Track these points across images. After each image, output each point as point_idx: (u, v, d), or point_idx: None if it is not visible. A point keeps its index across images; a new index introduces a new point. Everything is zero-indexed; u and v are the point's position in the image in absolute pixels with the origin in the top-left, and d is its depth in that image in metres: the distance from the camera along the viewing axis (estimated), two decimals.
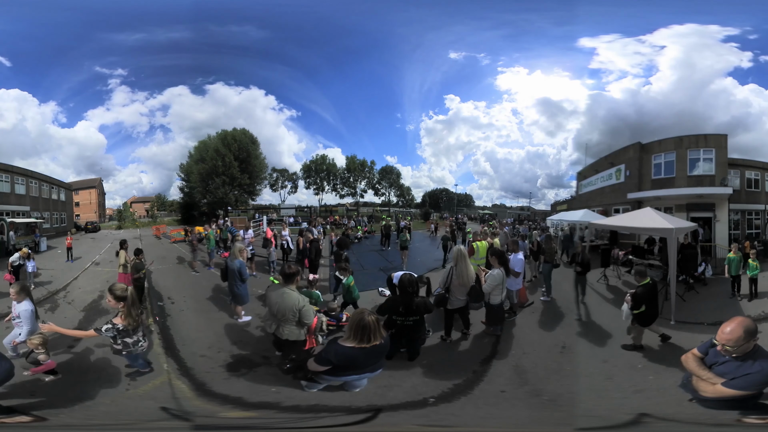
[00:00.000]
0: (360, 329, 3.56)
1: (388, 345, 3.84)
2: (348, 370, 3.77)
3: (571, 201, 23.73)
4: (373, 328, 3.56)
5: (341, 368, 3.73)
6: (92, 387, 4.58)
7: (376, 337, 3.58)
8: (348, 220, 24.48)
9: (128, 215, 27.69)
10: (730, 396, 2.62)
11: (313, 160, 29.50)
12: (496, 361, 5.40)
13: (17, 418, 2.93)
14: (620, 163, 17.83)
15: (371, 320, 3.58)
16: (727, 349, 2.67)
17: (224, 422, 4.07)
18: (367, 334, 3.55)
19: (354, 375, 3.85)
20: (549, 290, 8.57)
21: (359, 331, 3.56)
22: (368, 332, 3.54)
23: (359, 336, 3.56)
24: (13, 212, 17.51)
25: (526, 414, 4.23)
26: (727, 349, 2.67)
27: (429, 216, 31.38)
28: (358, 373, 3.84)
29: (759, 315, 7.37)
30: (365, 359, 3.66)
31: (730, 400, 2.64)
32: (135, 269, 7.91)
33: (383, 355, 3.87)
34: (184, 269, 12.14)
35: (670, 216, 9.91)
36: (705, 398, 2.76)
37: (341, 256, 8.09)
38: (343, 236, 9.57)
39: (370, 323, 3.56)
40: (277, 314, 4.55)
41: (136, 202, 30.15)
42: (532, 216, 29.63)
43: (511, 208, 33.60)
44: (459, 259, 5.90)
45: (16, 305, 4.94)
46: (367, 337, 3.55)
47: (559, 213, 21.37)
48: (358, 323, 3.58)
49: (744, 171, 15.62)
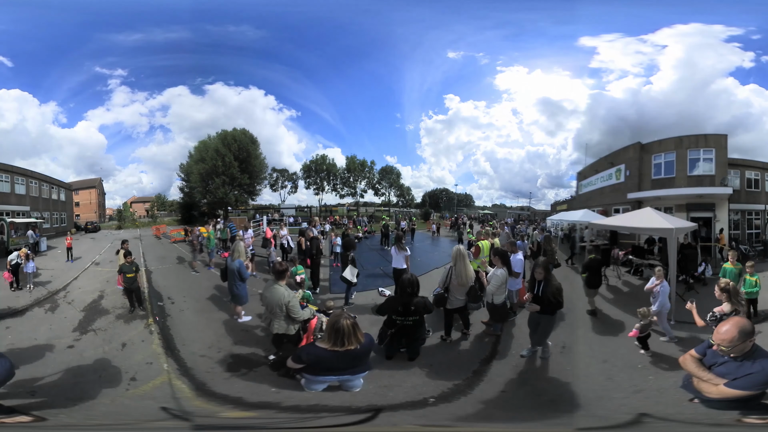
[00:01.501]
0: (333, 332, 3.57)
1: (367, 351, 3.84)
2: (322, 371, 3.78)
3: (571, 201, 23.73)
4: (347, 332, 3.55)
5: (314, 368, 3.76)
6: (92, 387, 4.59)
7: (351, 342, 3.58)
8: (349, 221, 24.48)
9: (128, 215, 27.71)
10: (734, 396, 2.61)
11: (313, 160, 29.50)
12: (496, 361, 5.40)
13: (17, 418, 2.92)
14: (620, 163, 17.83)
15: (345, 324, 3.57)
16: (723, 349, 2.67)
17: (224, 422, 4.07)
18: (341, 338, 3.55)
19: (330, 376, 3.85)
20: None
21: (333, 334, 3.58)
22: (341, 336, 3.55)
23: (332, 339, 3.58)
24: (13, 212, 17.52)
25: (526, 414, 4.23)
26: (723, 349, 2.67)
27: (429, 216, 31.39)
28: (334, 374, 3.83)
29: (759, 315, 7.36)
30: (336, 362, 3.65)
31: (733, 400, 2.63)
32: (123, 270, 7.76)
33: (361, 360, 3.85)
34: (184, 269, 12.15)
35: (670, 216, 9.91)
36: (709, 399, 2.76)
37: (347, 257, 8.12)
38: (349, 237, 9.60)
39: (343, 327, 3.55)
40: (267, 308, 4.92)
41: (136, 202, 30.18)
42: (532, 216, 29.64)
43: (511, 208, 33.61)
44: (458, 259, 5.90)
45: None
46: (341, 341, 3.56)
47: (559, 213, 21.37)
48: (332, 326, 3.61)
49: (744, 171, 15.62)
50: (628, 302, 8.53)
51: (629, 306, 8.13)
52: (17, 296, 9.02)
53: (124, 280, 7.75)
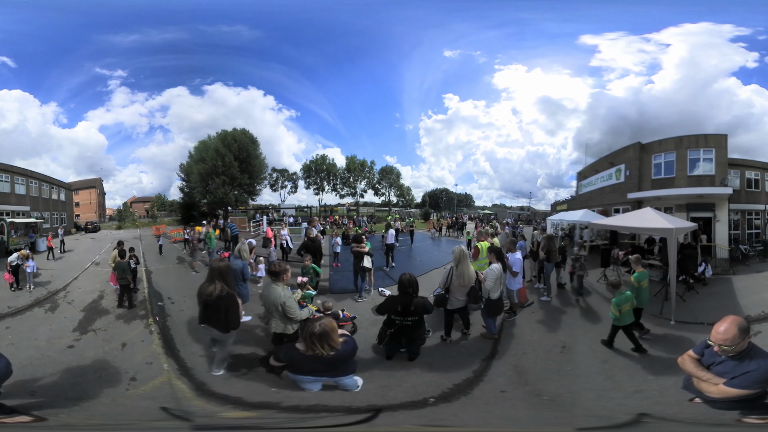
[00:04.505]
0: (307, 336, 3.71)
1: (345, 357, 3.93)
2: (301, 371, 3.91)
3: (571, 201, 23.72)
4: (318, 338, 3.65)
5: (293, 368, 3.90)
6: (92, 387, 4.58)
7: (323, 348, 3.68)
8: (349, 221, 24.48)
9: (128, 215, 27.71)
10: (735, 396, 2.61)
11: (313, 160, 29.53)
12: (496, 361, 5.40)
13: (17, 418, 2.92)
14: (620, 163, 17.82)
15: (316, 331, 3.66)
16: (725, 349, 2.66)
17: (224, 422, 4.06)
18: (312, 343, 3.67)
19: (309, 376, 3.96)
20: (549, 290, 8.57)
21: (306, 338, 3.72)
22: (312, 341, 3.67)
23: (305, 342, 3.72)
24: (13, 212, 17.51)
25: (526, 414, 4.23)
26: (725, 348, 2.66)
27: (429, 216, 31.37)
28: (313, 375, 3.94)
29: (759, 315, 7.36)
30: (311, 365, 3.79)
31: (735, 400, 2.63)
32: (119, 270, 7.82)
33: (340, 364, 3.94)
34: (184, 269, 12.15)
35: (670, 216, 9.90)
36: (711, 399, 2.76)
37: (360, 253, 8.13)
38: (358, 233, 9.67)
39: (314, 333, 3.66)
40: (265, 308, 4.99)
41: (136, 202, 30.19)
42: (531, 216, 29.63)
43: (511, 208, 33.64)
44: (460, 260, 5.90)
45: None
46: (311, 347, 3.68)
47: (559, 213, 21.36)
48: (306, 330, 3.73)
49: (744, 171, 15.62)
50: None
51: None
52: (17, 296, 9.03)
53: (120, 280, 7.82)
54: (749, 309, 7.81)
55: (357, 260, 8.10)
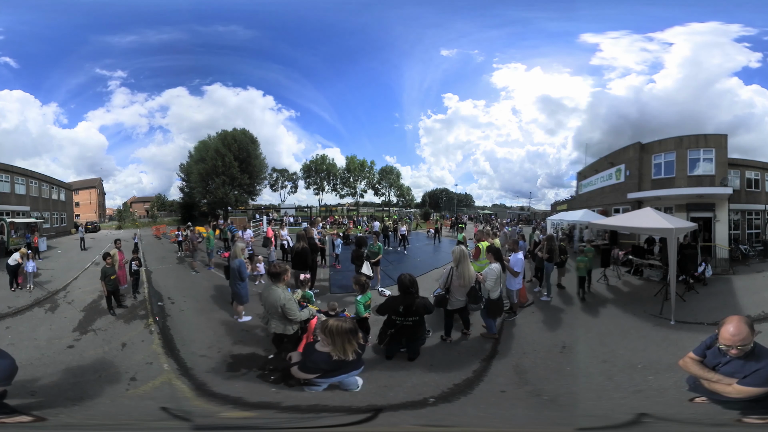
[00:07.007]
0: (340, 337, 3.63)
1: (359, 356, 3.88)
2: (327, 375, 3.84)
3: (571, 201, 23.70)
4: (348, 339, 3.62)
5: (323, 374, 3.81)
6: (92, 387, 4.59)
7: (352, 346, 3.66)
8: (349, 221, 24.46)
9: (128, 215, 27.70)
10: (754, 394, 2.59)
11: (313, 160, 29.50)
12: (496, 361, 5.40)
13: (17, 418, 2.92)
14: (620, 162, 17.81)
15: (347, 328, 3.64)
16: (741, 348, 2.63)
17: (224, 422, 4.06)
18: (343, 343, 3.61)
19: (330, 378, 3.91)
20: (549, 290, 8.57)
21: (337, 340, 3.63)
22: (343, 342, 3.61)
23: (335, 345, 3.63)
24: (13, 212, 17.50)
25: (526, 414, 4.22)
26: (740, 348, 2.62)
27: (429, 216, 31.36)
28: (333, 375, 3.89)
29: (759, 315, 7.36)
30: (336, 364, 3.74)
31: (754, 398, 2.61)
32: (103, 274, 7.62)
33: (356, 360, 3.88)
34: (184, 269, 12.14)
35: (670, 216, 9.90)
36: (727, 399, 2.72)
37: (362, 254, 8.03)
38: (361, 236, 9.62)
39: (345, 331, 3.61)
40: (265, 309, 4.99)
41: (136, 202, 30.17)
42: (531, 216, 29.63)
43: (511, 208, 33.60)
44: (460, 260, 5.90)
45: None
46: (342, 348, 3.62)
47: (559, 213, 21.35)
48: (333, 331, 3.65)
49: (744, 171, 15.61)
50: (628, 302, 8.55)
51: (629, 306, 8.15)
52: (17, 296, 9.02)
53: (108, 284, 7.63)
54: (749, 309, 7.81)
55: (357, 266, 7.97)
